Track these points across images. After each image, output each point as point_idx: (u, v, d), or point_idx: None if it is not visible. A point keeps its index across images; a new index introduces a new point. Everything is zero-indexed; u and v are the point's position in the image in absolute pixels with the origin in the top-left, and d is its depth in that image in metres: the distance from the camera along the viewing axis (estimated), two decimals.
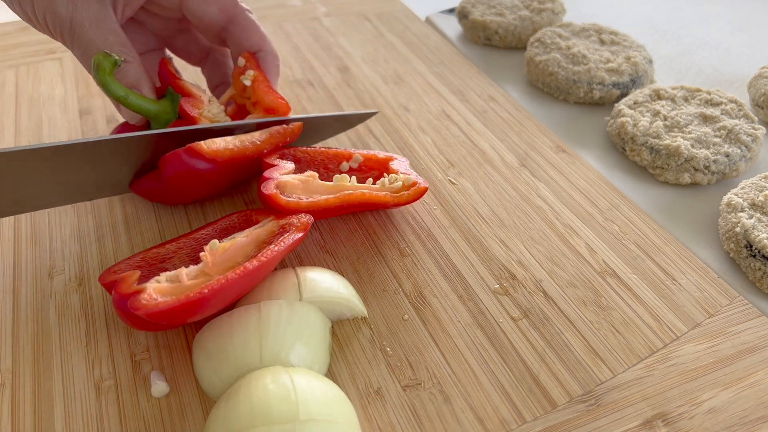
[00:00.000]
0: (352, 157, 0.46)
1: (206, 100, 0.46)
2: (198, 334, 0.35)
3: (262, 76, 0.46)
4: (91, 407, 0.34)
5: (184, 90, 0.45)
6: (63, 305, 0.39)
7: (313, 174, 0.42)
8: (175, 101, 0.45)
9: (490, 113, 0.57)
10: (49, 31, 0.42)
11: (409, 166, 0.46)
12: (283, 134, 0.44)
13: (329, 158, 0.46)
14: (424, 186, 0.44)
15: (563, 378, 0.35)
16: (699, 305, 0.40)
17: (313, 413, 0.29)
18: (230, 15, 0.46)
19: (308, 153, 0.45)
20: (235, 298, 0.35)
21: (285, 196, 0.40)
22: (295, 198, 0.40)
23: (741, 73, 0.65)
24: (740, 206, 0.44)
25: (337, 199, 0.41)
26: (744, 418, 0.34)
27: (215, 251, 0.35)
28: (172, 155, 0.40)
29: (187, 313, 0.33)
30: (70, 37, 0.42)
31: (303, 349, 0.34)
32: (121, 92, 0.42)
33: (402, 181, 0.43)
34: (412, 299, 0.40)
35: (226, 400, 0.31)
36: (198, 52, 0.51)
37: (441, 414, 0.34)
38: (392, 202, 0.43)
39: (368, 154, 0.46)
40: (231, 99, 0.48)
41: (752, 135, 0.50)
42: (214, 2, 0.46)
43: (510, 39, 0.68)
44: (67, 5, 0.40)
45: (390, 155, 0.46)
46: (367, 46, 0.68)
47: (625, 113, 0.53)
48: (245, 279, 0.34)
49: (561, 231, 0.45)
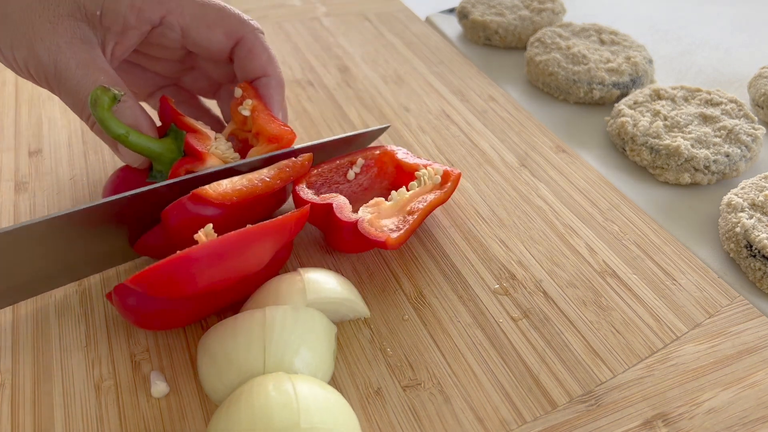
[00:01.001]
0: (356, 162, 0.45)
1: (212, 136, 0.43)
2: (202, 337, 0.35)
3: (261, 104, 0.43)
4: (91, 407, 0.34)
5: (189, 126, 0.42)
6: (63, 305, 0.39)
7: (378, 200, 0.41)
8: (179, 138, 0.41)
9: (490, 113, 0.57)
10: (34, 78, 0.39)
11: (410, 153, 0.46)
12: (293, 168, 0.41)
13: (334, 170, 0.45)
14: (458, 172, 0.44)
15: (563, 378, 0.35)
16: (699, 305, 0.40)
17: (314, 421, 0.29)
18: (237, 37, 0.42)
19: (320, 174, 0.44)
20: (230, 270, 0.34)
21: (377, 229, 0.39)
22: (389, 229, 0.39)
23: (741, 73, 0.65)
24: (740, 206, 0.44)
25: (420, 218, 0.40)
26: (744, 418, 0.34)
27: (209, 234, 0.35)
28: (175, 206, 0.37)
29: (175, 276, 0.32)
30: (56, 83, 0.38)
31: (307, 356, 0.34)
32: (122, 130, 0.38)
33: (439, 174, 0.43)
34: (412, 299, 0.40)
35: (228, 405, 0.31)
36: (209, 87, 0.48)
37: (441, 414, 0.34)
38: (446, 198, 0.43)
39: (366, 153, 0.46)
40: (232, 135, 0.45)
41: (752, 135, 0.50)
42: (219, 25, 0.41)
43: (510, 39, 0.68)
44: (48, 49, 0.37)
45: (385, 147, 0.46)
46: (367, 46, 0.68)
47: (625, 113, 0.53)
48: (236, 244, 0.33)
49: (561, 231, 0.45)
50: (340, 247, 0.42)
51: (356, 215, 0.39)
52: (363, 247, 0.41)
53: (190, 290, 0.33)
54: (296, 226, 0.38)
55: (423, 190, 0.43)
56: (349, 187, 0.45)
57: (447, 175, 0.44)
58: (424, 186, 0.43)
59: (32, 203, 0.47)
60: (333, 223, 0.40)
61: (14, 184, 0.49)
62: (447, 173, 0.44)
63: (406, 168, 0.45)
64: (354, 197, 0.44)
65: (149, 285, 0.32)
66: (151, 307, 0.35)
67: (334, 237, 0.41)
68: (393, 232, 0.39)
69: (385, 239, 0.38)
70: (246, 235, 0.34)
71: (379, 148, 0.46)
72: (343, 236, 0.40)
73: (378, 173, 0.46)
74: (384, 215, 0.40)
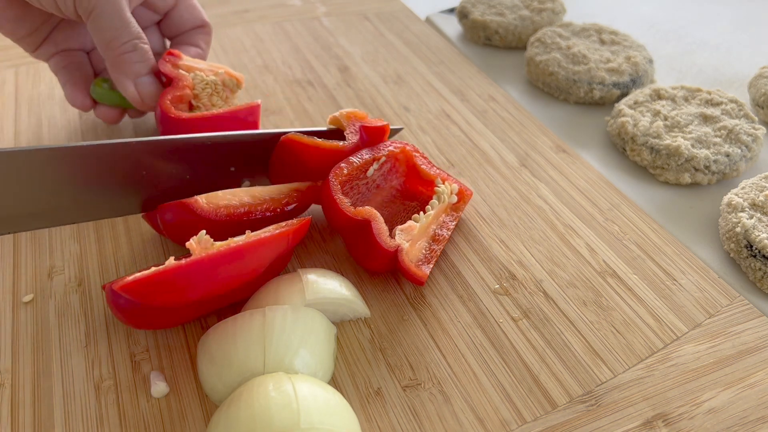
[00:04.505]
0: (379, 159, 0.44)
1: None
2: (202, 337, 0.35)
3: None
4: (91, 407, 0.34)
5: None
6: (63, 305, 0.39)
7: (411, 225, 0.40)
8: None
9: (490, 113, 0.57)
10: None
11: (427, 159, 0.46)
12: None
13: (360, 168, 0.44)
14: (470, 192, 0.46)
15: (563, 378, 0.35)
16: (699, 305, 0.40)
17: (314, 421, 0.29)
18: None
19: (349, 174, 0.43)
20: (224, 283, 0.34)
21: (414, 263, 0.39)
22: (420, 260, 0.40)
23: (741, 72, 0.65)
24: (740, 206, 0.43)
25: (443, 247, 0.42)
26: (744, 418, 0.34)
27: (203, 240, 0.35)
28: (170, 207, 0.39)
29: (164, 287, 0.32)
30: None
31: (307, 356, 0.34)
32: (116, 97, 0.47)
33: (455, 193, 0.44)
34: (412, 299, 0.40)
35: (228, 405, 0.31)
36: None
37: (441, 414, 0.34)
38: (460, 214, 0.44)
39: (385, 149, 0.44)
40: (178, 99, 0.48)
41: (752, 135, 0.50)
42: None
43: (510, 39, 0.68)
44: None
45: (405, 145, 0.45)
46: (367, 46, 0.68)
47: (626, 113, 0.53)
48: (228, 258, 0.33)
49: (561, 231, 0.45)
50: (366, 265, 0.41)
51: (394, 242, 0.39)
52: (390, 268, 0.40)
53: (180, 301, 0.33)
54: (295, 238, 0.38)
55: (441, 208, 0.43)
56: (366, 184, 0.44)
57: (462, 195, 0.45)
58: (442, 203, 0.43)
59: None
60: (367, 241, 0.39)
61: None
62: (462, 193, 0.45)
63: (423, 175, 0.45)
64: (366, 195, 0.44)
65: (138, 294, 0.32)
66: (144, 309, 0.35)
67: (364, 254, 0.40)
68: (423, 265, 0.40)
69: (423, 278, 0.39)
70: (240, 250, 0.34)
71: (398, 143, 0.45)
72: (377, 257, 0.39)
73: (390, 170, 0.45)
74: (415, 241, 0.40)
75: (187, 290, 0.33)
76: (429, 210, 0.42)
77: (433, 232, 0.42)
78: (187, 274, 0.32)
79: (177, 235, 0.40)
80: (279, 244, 0.36)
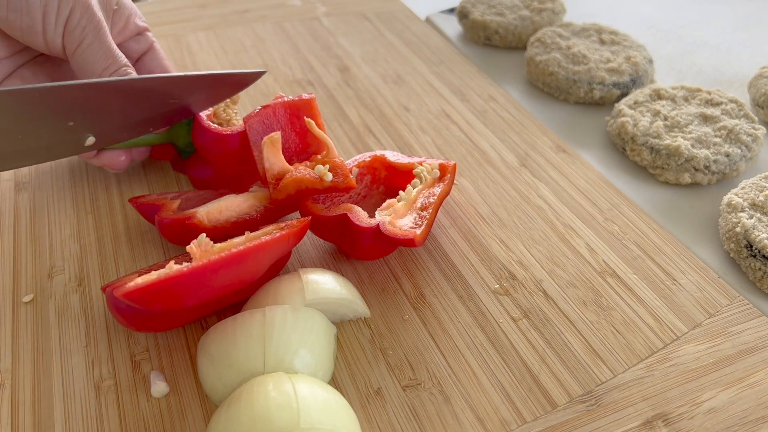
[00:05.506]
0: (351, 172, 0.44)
1: None
2: (202, 337, 0.35)
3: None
4: (91, 407, 0.34)
5: None
6: (63, 305, 0.39)
7: (391, 201, 0.41)
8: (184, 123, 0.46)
9: (490, 113, 0.57)
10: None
11: (399, 153, 0.46)
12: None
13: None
14: (453, 163, 0.45)
15: (563, 378, 0.35)
16: (699, 305, 0.40)
17: (314, 421, 0.29)
18: None
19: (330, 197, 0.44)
20: (225, 287, 0.34)
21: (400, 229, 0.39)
22: (410, 227, 0.39)
23: (741, 72, 0.65)
24: (740, 206, 0.43)
25: (434, 211, 0.41)
26: (744, 418, 0.34)
27: (203, 244, 0.35)
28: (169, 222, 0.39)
29: (167, 293, 0.32)
30: None
31: (307, 356, 0.34)
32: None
33: (436, 168, 0.44)
34: (412, 299, 0.40)
35: (228, 405, 0.31)
36: None
37: (441, 414, 0.34)
38: (449, 189, 0.44)
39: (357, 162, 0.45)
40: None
41: (752, 135, 0.50)
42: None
43: (510, 39, 0.68)
44: None
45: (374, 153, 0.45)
46: (367, 46, 0.68)
47: (626, 113, 0.53)
48: (229, 263, 0.33)
49: (561, 231, 0.45)
50: (359, 255, 0.41)
51: (375, 220, 0.39)
52: (384, 251, 0.41)
53: (181, 306, 0.33)
54: (295, 240, 0.38)
55: (426, 185, 0.43)
56: (349, 198, 0.44)
57: (444, 168, 0.44)
58: (425, 181, 0.43)
59: (32, 203, 0.47)
60: (350, 231, 0.40)
61: (14, 183, 0.49)
62: (443, 166, 0.44)
63: (400, 168, 0.45)
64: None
65: (139, 301, 0.32)
66: (144, 313, 0.35)
67: (352, 246, 0.40)
68: (415, 228, 0.39)
69: (413, 236, 0.37)
70: (241, 254, 0.33)
71: (368, 154, 0.45)
72: (363, 243, 0.39)
73: (372, 180, 0.45)
74: (399, 215, 0.40)
75: (188, 296, 0.33)
76: (410, 189, 0.42)
77: (420, 204, 0.41)
78: (188, 280, 0.32)
79: (175, 237, 0.40)
80: (280, 247, 0.36)
